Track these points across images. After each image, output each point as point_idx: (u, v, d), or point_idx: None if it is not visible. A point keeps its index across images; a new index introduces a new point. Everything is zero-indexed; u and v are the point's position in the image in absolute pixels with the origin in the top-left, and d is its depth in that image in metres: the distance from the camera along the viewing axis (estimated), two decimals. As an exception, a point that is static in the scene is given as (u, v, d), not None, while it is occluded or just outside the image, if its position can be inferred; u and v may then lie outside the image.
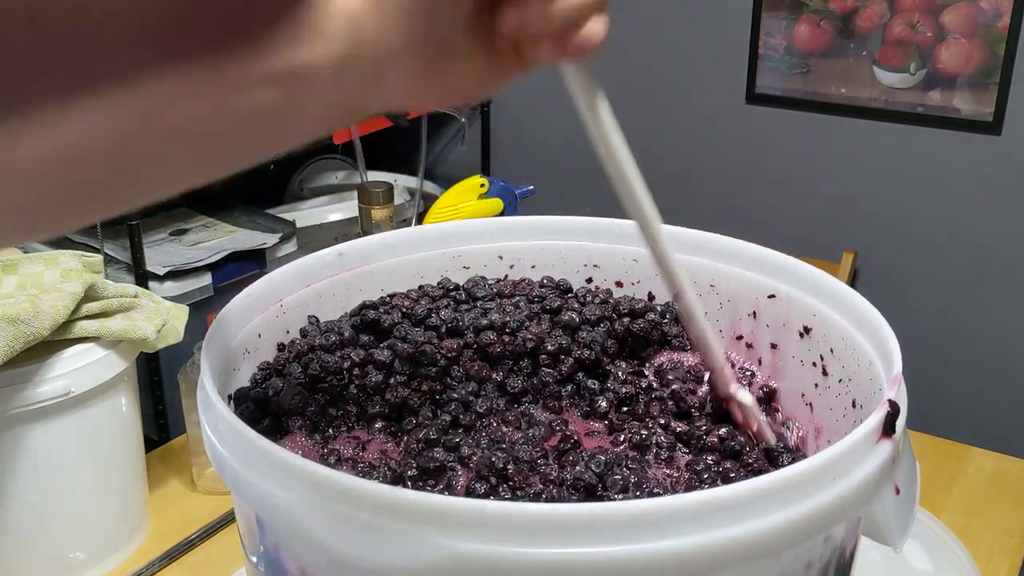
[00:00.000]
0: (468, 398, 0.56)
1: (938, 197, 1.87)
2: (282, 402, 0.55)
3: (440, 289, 0.68)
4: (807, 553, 0.44)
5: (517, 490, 0.49)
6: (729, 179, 2.11)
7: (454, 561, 0.39)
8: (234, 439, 0.45)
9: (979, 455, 1.04)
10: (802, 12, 1.92)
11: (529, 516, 0.38)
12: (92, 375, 0.81)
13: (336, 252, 0.67)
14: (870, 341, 0.56)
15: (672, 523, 0.39)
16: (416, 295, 0.67)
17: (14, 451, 0.78)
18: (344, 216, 2.15)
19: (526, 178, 1.32)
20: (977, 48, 1.77)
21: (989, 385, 1.90)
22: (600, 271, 0.72)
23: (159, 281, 1.79)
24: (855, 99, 1.91)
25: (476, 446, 0.52)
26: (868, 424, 0.45)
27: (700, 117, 2.11)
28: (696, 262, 0.68)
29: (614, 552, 0.38)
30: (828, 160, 1.98)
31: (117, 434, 0.86)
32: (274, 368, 0.60)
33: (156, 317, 0.86)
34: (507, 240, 0.71)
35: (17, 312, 0.75)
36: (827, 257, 1.85)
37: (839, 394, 0.60)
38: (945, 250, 1.89)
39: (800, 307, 0.63)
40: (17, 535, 0.81)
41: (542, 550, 0.38)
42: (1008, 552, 0.89)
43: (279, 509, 0.42)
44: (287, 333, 0.64)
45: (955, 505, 0.95)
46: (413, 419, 0.55)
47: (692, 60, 2.09)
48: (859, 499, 0.44)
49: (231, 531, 0.91)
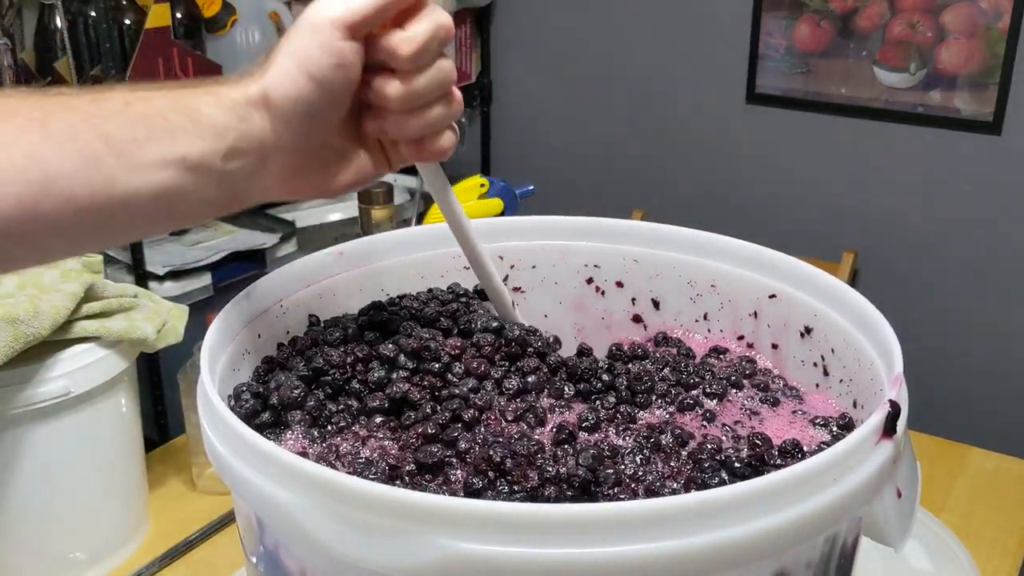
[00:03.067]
0: (468, 394, 0.56)
1: (938, 197, 1.87)
2: (282, 396, 0.55)
3: (450, 293, 0.68)
4: (807, 553, 0.44)
5: (514, 485, 0.48)
6: (729, 179, 2.11)
7: (454, 561, 0.39)
8: (234, 439, 0.45)
9: (979, 455, 1.04)
10: (802, 12, 1.92)
11: (528, 516, 0.38)
12: (92, 375, 0.81)
13: (336, 252, 0.67)
14: (871, 341, 0.56)
15: (672, 523, 0.39)
16: (425, 298, 0.67)
17: (14, 451, 0.78)
18: (344, 216, 2.14)
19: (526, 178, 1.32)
20: (977, 48, 1.77)
21: (989, 385, 1.89)
22: (600, 271, 0.72)
23: (159, 281, 1.79)
24: (855, 99, 1.91)
25: (473, 441, 0.52)
26: (869, 424, 0.45)
27: (700, 117, 2.11)
28: (696, 262, 0.68)
29: (614, 552, 0.38)
30: (828, 160, 1.98)
31: (117, 434, 0.86)
32: (278, 362, 0.60)
33: (156, 317, 0.86)
34: (507, 240, 0.71)
35: (17, 312, 0.75)
36: (827, 257, 1.85)
37: (840, 394, 0.60)
38: (945, 250, 1.89)
39: (801, 307, 0.63)
40: (17, 535, 0.81)
41: (542, 550, 0.38)
42: (1008, 552, 0.89)
43: (279, 509, 0.42)
44: (287, 333, 0.63)
45: (955, 505, 0.95)
46: (412, 414, 0.55)
47: (692, 60, 2.09)
48: (860, 499, 0.44)
49: (231, 531, 0.91)
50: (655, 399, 0.59)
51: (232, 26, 1.95)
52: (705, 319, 0.69)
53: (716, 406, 0.59)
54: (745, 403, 0.59)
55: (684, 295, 0.70)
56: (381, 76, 0.50)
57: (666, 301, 0.70)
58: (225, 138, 0.47)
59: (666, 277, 0.70)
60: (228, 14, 1.94)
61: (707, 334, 0.69)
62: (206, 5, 1.91)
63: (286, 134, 0.48)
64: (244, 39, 1.98)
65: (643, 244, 0.70)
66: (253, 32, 1.99)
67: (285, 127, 0.48)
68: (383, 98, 0.50)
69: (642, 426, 0.56)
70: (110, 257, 1.82)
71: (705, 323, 0.69)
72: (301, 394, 0.56)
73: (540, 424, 0.55)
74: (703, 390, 0.60)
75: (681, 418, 0.57)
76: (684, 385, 0.60)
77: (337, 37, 0.48)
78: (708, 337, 0.69)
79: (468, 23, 2.30)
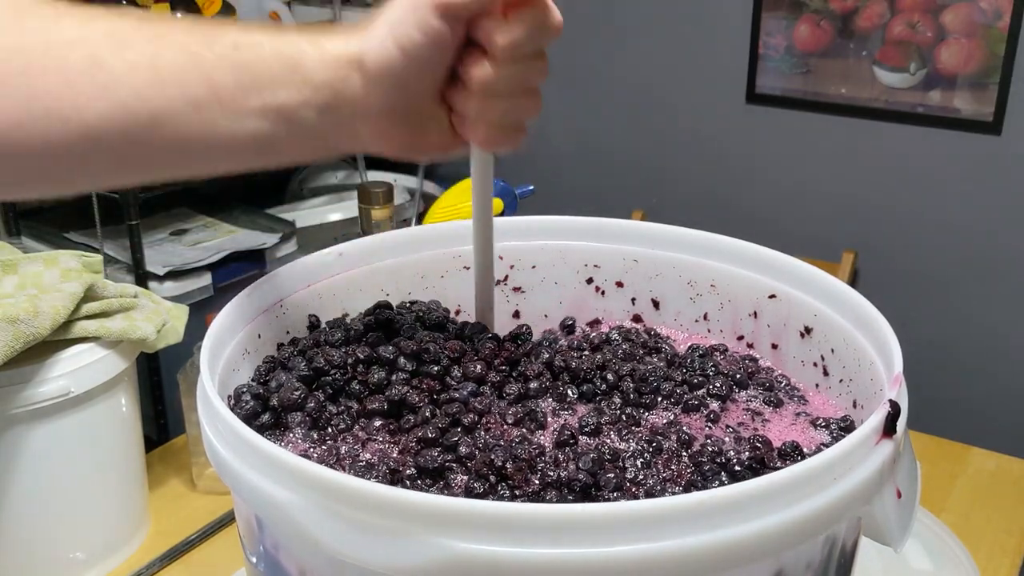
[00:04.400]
0: (468, 398, 0.56)
1: (938, 197, 1.87)
2: (282, 397, 0.55)
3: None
4: (807, 553, 0.44)
5: (516, 489, 0.48)
6: (729, 179, 2.11)
7: (454, 561, 0.39)
8: (234, 439, 0.45)
9: (979, 455, 1.04)
10: (802, 12, 1.92)
11: (528, 516, 0.38)
12: (92, 375, 0.81)
13: (336, 252, 0.67)
14: (870, 341, 0.56)
15: (672, 523, 0.39)
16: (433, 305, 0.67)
17: (14, 451, 0.78)
18: (344, 216, 2.15)
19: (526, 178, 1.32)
20: (977, 48, 1.77)
21: (989, 385, 1.89)
22: (600, 271, 0.72)
23: (159, 281, 1.79)
24: (855, 99, 1.91)
25: (474, 445, 0.52)
26: (869, 424, 0.45)
27: (700, 117, 2.11)
28: (696, 262, 0.68)
29: (613, 552, 0.38)
30: (828, 160, 1.98)
31: (117, 434, 0.86)
32: (279, 362, 0.60)
33: (156, 317, 0.86)
34: (507, 240, 0.71)
35: (17, 312, 0.75)
36: (827, 257, 1.85)
37: (840, 394, 0.60)
38: (945, 250, 1.89)
39: (801, 307, 0.63)
40: (17, 535, 0.81)
41: (541, 550, 0.38)
42: (1008, 552, 0.89)
43: (279, 509, 0.42)
44: (287, 333, 0.63)
45: (955, 505, 0.95)
46: (412, 418, 0.55)
47: (692, 60, 2.09)
48: (859, 499, 0.44)
49: (231, 531, 0.91)
50: (660, 400, 0.59)
51: (232, 26, 1.95)
52: (705, 319, 0.69)
53: (720, 407, 0.59)
54: (750, 404, 0.59)
55: (684, 295, 0.70)
56: (475, 55, 0.50)
57: (666, 301, 0.70)
58: (322, 93, 0.49)
59: (666, 277, 0.70)
60: (228, 14, 1.94)
61: (707, 334, 0.69)
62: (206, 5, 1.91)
63: (376, 96, 0.49)
64: (244, 39, 1.97)
65: (643, 244, 0.70)
66: (253, 32, 1.99)
67: (375, 90, 0.49)
68: (468, 77, 0.50)
69: (644, 429, 0.56)
70: (110, 257, 1.82)
71: (705, 323, 0.69)
72: (301, 396, 0.56)
73: (541, 428, 0.55)
74: (707, 391, 0.60)
75: (686, 419, 0.57)
76: (689, 384, 0.60)
77: (433, 17, 0.48)
78: (708, 337, 0.69)
79: (468, 23, 2.29)
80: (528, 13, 0.49)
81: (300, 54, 0.49)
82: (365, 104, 0.50)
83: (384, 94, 0.50)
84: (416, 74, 0.50)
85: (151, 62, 0.46)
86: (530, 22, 0.49)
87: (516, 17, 0.49)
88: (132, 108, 0.46)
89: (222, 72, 0.47)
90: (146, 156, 0.49)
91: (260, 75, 0.48)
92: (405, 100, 0.51)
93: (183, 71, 0.47)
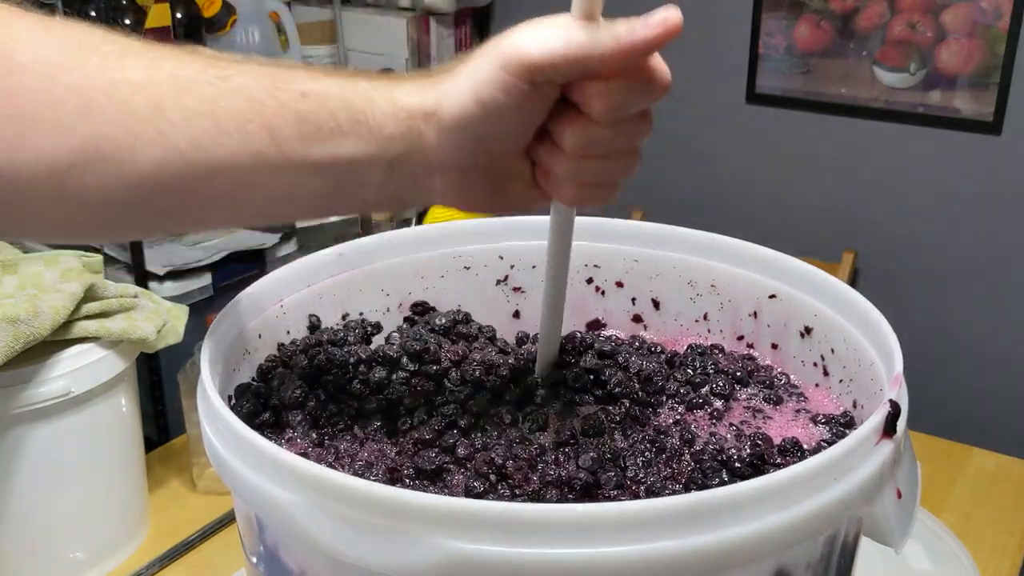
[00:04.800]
0: (464, 400, 0.56)
1: (938, 197, 1.87)
2: (283, 396, 0.56)
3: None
4: (807, 553, 0.44)
5: (515, 488, 0.49)
6: (729, 179, 2.11)
7: (454, 561, 0.39)
8: (234, 439, 0.45)
9: (979, 455, 1.04)
10: (802, 12, 1.92)
11: (528, 516, 0.38)
12: (92, 375, 0.81)
13: (336, 252, 0.67)
14: (871, 341, 0.56)
15: (672, 523, 0.39)
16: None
17: (14, 451, 0.78)
18: (344, 216, 2.14)
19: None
20: (977, 48, 1.77)
21: (989, 385, 1.89)
22: (600, 271, 0.72)
23: (159, 281, 1.79)
24: (855, 99, 1.91)
25: (472, 447, 0.52)
26: (869, 424, 0.45)
27: (700, 117, 2.11)
28: (696, 262, 0.68)
29: (614, 552, 0.38)
30: (828, 160, 1.98)
31: (117, 434, 0.86)
32: (279, 362, 0.60)
33: (156, 317, 0.86)
34: (507, 240, 0.71)
35: (17, 312, 0.75)
36: (827, 257, 1.85)
37: (840, 394, 0.60)
38: (945, 250, 1.89)
39: (801, 307, 0.63)
40: (17, 535, 0.81)
41: (541, 550, 0.38)
42: (1008, 552, 0.89)
43: (279, 509, 0.42)
44: (287, 333, 0.64)
45: (955, 505, 0.95)
46: (409, 420, 0.55)
47: (692, 60, 2.09)
48: (859, 499, 0.44)
49: (231, 531, 0.91)
50: (665, 399, 0.59)
51: (232, 26, 1.95)
52: (705, 319, 0.69)
53: (724, 405, 0.59)
54: (751, 402, 0.60)
55: (684, 295, 0.70)
56: (570, 114, 0.46)
57: (666, 301, 0.70)
58: (391, 146, 0.46)
59: (666, 277, 0.70)
60: (228, 14, 1.94)
61: (707, 334, 0.69)
62: (206, 5, 1.91)
63: (451, 152, 0.47)
64: (244, 39, 1.98)
65: (643, 244, 0.70)
66: (253, 32, 1.99)
67: (450, 146, 0.47)
68: (562, 139, 0.47)
69: (646, 428, 0.56)
70: (110, 257, 1.82)
71: (705, 323, 0.69)
72: (301, 395, 0.56)
73: (541, 429, 0.55)
74: (711, 389, 0.60)
75: (691, 416, 0.57)
76: (692, 384, 0.61)
77: (521, 79, 0.44)
78: (708, 337, 0.69)
79: (468, 23, 2.30)
80: (635, 77, 0.46)
81: (369, 105, 0.46)
82: (439, 159, 0.47)
83: (460, 150, 0.47)
84: (498, 134, 0.47)
85: (211, 109, 0.44)
86: (634, 85, 0.46)
87: (618, 80, 0.45)
88: (189, 157, 0.44)
89: (285, 122, 0.45)
90: (200, 206, 0.46)
91: (325, 126, 0.45)
92: (485, 158, 0.48)
93: (244, 119, 0.44)
